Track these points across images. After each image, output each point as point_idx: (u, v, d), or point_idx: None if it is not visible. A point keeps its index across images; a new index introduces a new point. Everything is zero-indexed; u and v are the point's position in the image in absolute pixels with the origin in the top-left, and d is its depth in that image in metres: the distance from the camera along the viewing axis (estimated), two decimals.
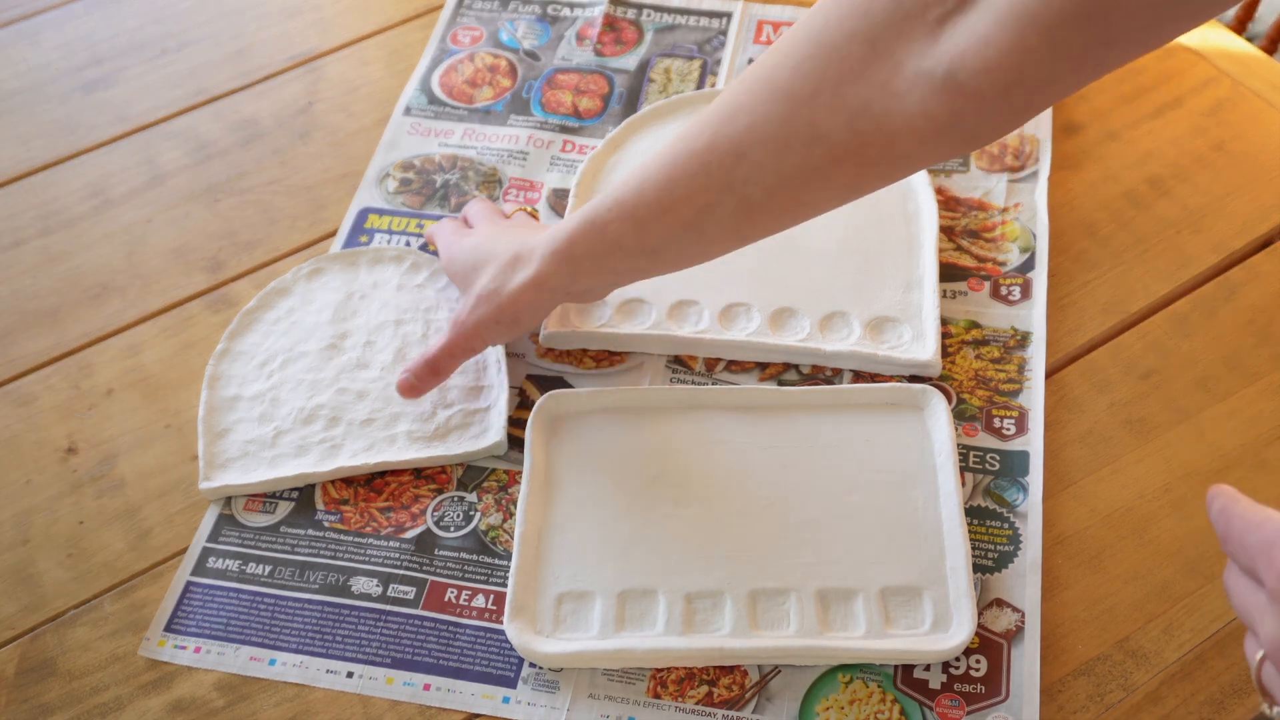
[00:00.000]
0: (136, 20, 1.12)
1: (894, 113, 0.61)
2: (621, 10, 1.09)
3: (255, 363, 0.85)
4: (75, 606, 0.77)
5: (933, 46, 0.59)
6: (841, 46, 0.62)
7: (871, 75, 0.61)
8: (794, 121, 0.64)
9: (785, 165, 0.66)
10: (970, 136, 0.62)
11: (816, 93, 0.63)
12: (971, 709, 0.70)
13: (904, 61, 0.60)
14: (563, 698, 0.71)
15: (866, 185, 0.68)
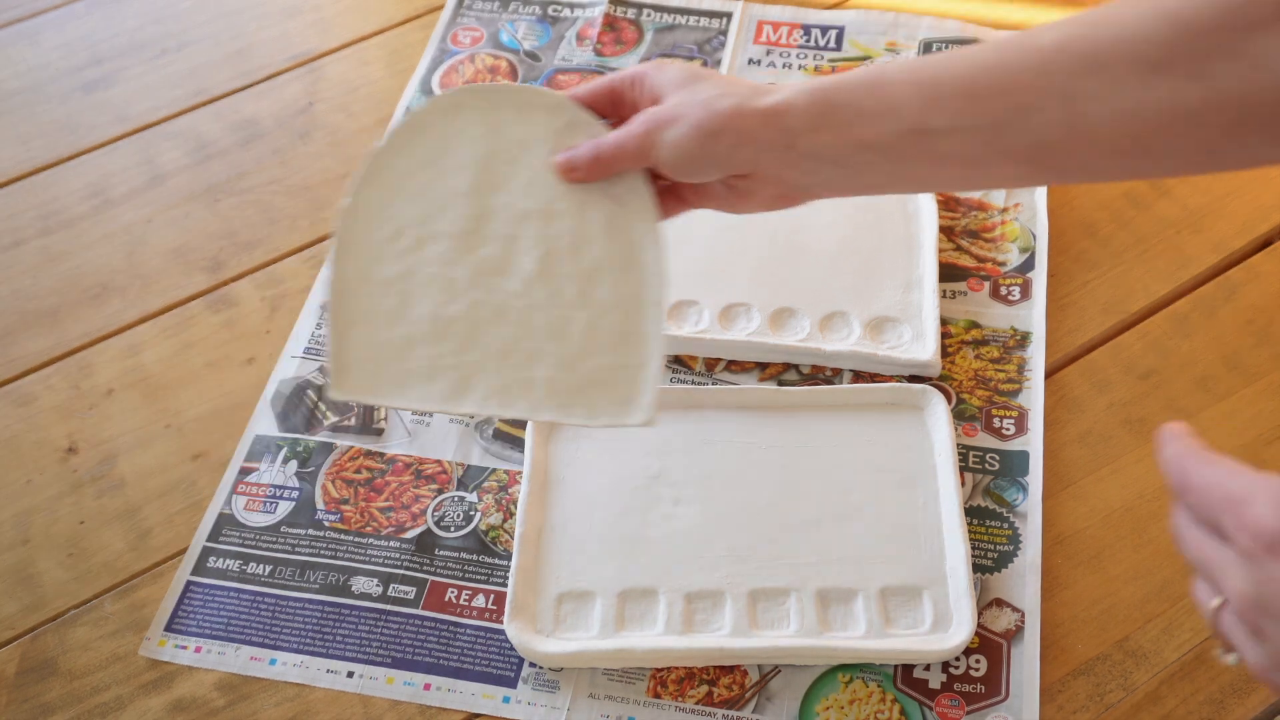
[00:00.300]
0: (136, 20, 1.12)
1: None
2: (621, 10, 1.09)
3: (386, 232, 0.70)
4: (75, 606, 0.77)
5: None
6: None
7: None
8: (1178, 48, 0.54)
9: (1148, 94, 0.55)
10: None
11: (1215, 29, 0.53)
12: (971, 709, 0.70)
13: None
14: (563, 697, 0.71)
15: (1228, 157, 0.58)
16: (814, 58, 1.04)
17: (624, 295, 0.68)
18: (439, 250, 0.69)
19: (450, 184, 0.70)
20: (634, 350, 0.67)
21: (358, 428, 0.83)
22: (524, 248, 0.69)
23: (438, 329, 0.68)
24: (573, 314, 0.68)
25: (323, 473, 0.81)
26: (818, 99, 0.63)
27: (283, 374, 0.87)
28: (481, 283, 0.69)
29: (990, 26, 1.05)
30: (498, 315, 0.68)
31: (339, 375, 0.68)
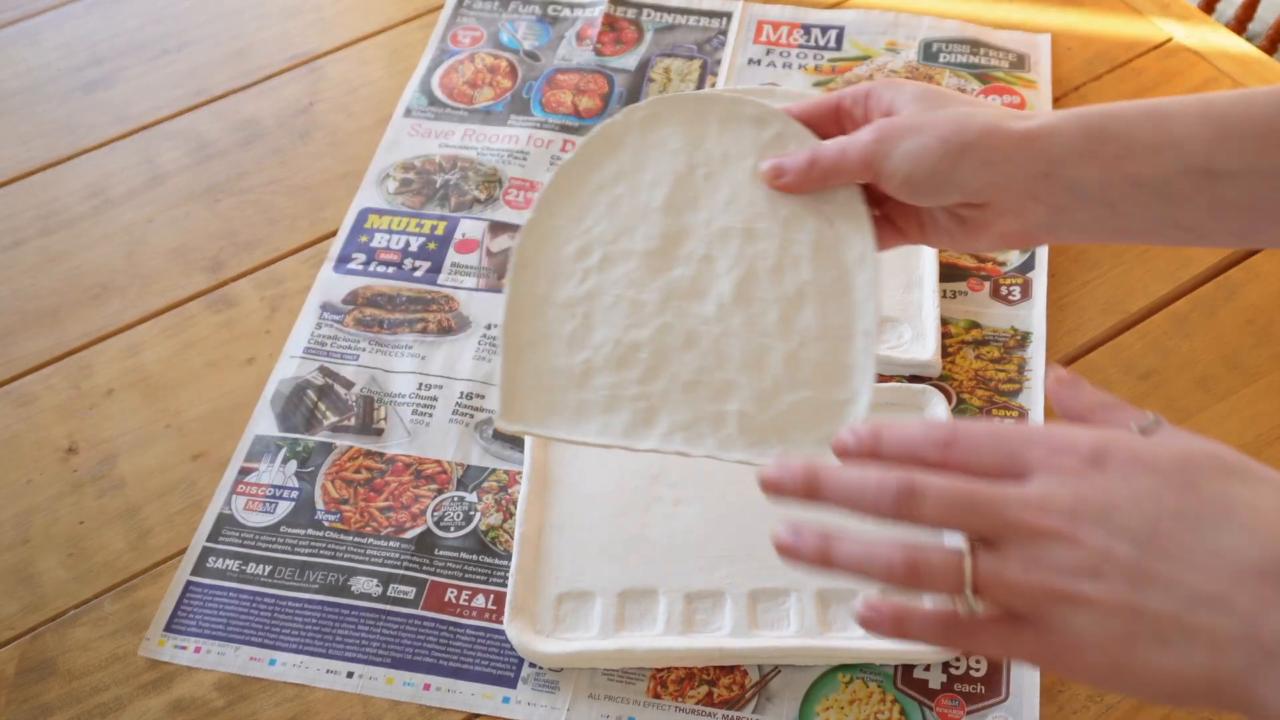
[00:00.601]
0: (136, 20, 1.12)
1: None
2: (621, 10, 1.09)
3: (571, 250, 0.65)
4: (75, 606, 0.77)
5: None
6: None
7: None
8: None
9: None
10: None
11: None
12: (971, 709, 0.70)
13: None
14: (563, 698, 0.71)
15: None
16: (814, 57, 1.04)
17: (831, 324, 0.62)
18: (627, 270, 0.64)
19: (643, 199, 0.65)
20: (840, 384, 0.61)
21: (357, 428, 0.83)
22: (721, 269, 0.64)
23: (621, 356, 0.62)
24: (772, 343, 0.62)
25: (322, 473, 0.81)
26: (1089, 125, 0.56)
27: (282, 374, 0.87)
28: (672, 306, 0.63)
29: (990, 26, 1.05)
30: (688, 342, 0.62)
31: (509, 403, 0.62)
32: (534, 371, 0.63)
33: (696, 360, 0.62)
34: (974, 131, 0.57)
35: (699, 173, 0.66)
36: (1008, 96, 0.99)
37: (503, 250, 0.93)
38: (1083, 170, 0.56)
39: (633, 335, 0.63)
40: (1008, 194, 0.58)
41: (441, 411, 0.84)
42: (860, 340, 0.62)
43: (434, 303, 0.90)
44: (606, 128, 0.67)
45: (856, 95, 0.63)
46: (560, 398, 0.62)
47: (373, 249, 0.93)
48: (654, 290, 0.64)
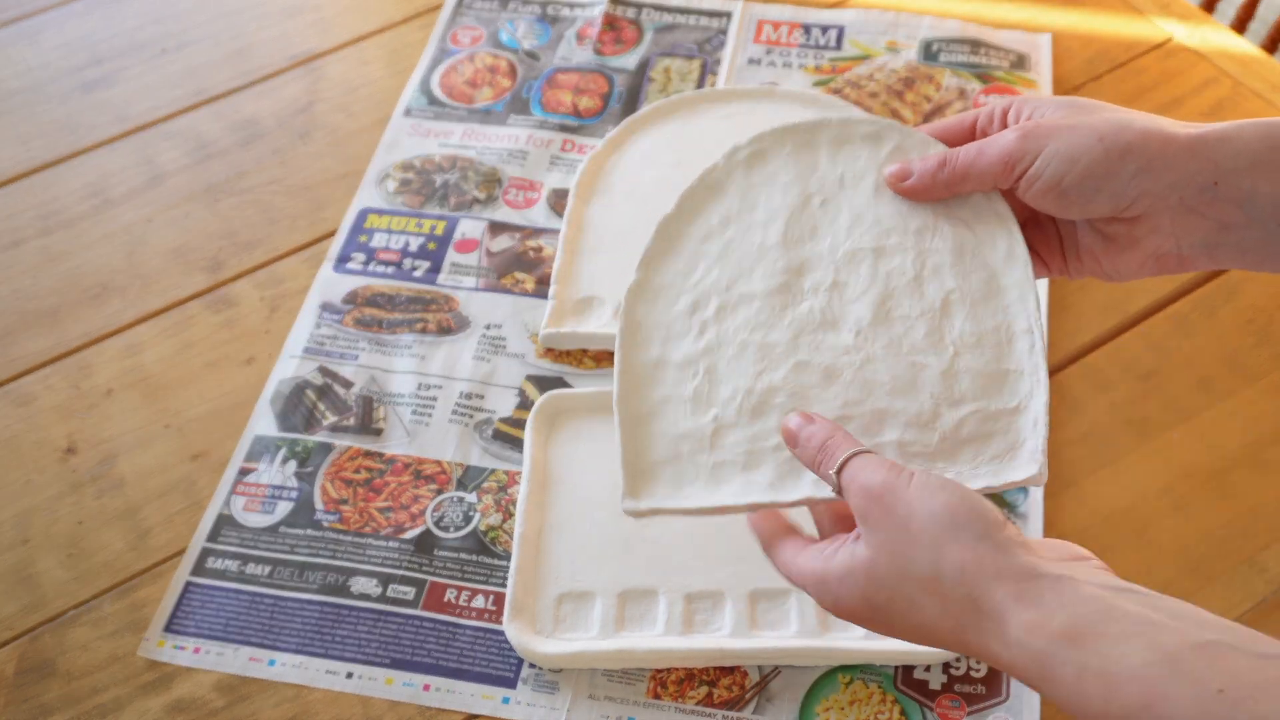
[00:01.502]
0: (136, 20, 1.12)
1: None
2: (621, 10, 1.09)
3: (683, 305, 0.60)
4: (75, 607, 0.77)
5: None
6: None
7: None
8: None
9: None
10: None
11: None
12: (972, 709, 0.70)
13: None
14: (562, 698, 0.71)
15: None
16: (814, 57, 1.04)
17: (986, 329, 0.57)
18: (749, 314, 0.59)
19: (758, 239, 0.60)
20: (1007, 391, 0.56)
21: (357, 428, 0.83)
22: (853, 294, 0.59)
23: (755, 405, 0.57)
24: (923, 359, 0.57)
25: (322, 473, 0.81)
26: (1270, 133, 0.51)
27: (282, 374, 0.86)
28: (805, 343, 0.58)
29: (991, 26, 1.05)
30: (828, 377, 0.57)
31: (636, 482, 0.56)
32: (657, 443, 0.57)
33: (840, 394, 0.57)
34: (1134, 132, 0.52)
35: (815, 201, 0.61)
36: (1008, 96, 0.99)
37: (502, 250, 0.93)
38: (1258, 183, 0.51)
39: (765, 381, 0.57)
40: (1166, 206, 0.52)
41: (441, 411, 0.84)
42: (1023, 340, 0.57)
43: (433, 303, 0.90)
44: (707, 174, 0.62)
45: (991, 112, 0.58)
46: (691, 465, 0.57)
47: (372, 249, 0.93)
48: (782, 330, 0.58)
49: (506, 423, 0.83)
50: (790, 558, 0.53)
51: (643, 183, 0.94)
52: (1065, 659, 0.43)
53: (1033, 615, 0.44)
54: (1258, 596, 0.74)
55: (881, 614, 0.49)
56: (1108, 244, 0.55)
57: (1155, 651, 0.42)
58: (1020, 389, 0.56)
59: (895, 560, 0.48)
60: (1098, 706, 0.42)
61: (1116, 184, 0.52)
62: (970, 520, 0.47)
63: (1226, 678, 0.40)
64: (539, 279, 0.91)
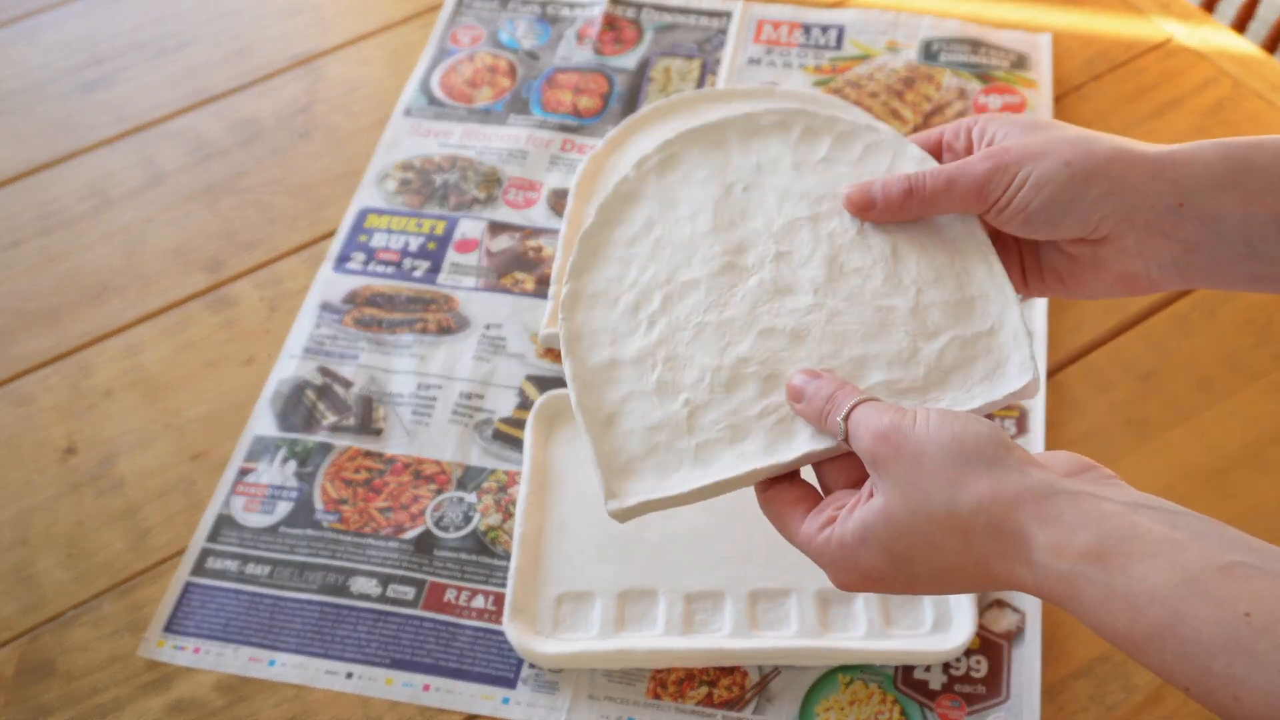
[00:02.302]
0: (136, 20, 1.12)
1: None
2: (621, 9, 1.09)
3: (624, 306, 0.59)
4: (75, 607, 0.76)
5: None
6: None
7: None
8: None
9: None
10: None
11: None
12: (972, 710, 0.70)
13: None
14: (562, 698, 0.71)
15: None
16: (814, 57, 1.04)
17: (941, 264, 0.57)
18: (698, 298, 0.59)
19: (687, 230, 0.61)
20: (978, 315, 0.56)
21: (356, 428, 0.83)
22: (801, 259, 0.59)
23: (728, 380, 0.56)
24: (888, 303, 0.57)
25: (321, 473, 0.81)
26: (1232, 153, 0.52)
27: (282, 374, 0.86)
28: (764, 311, 0.58)
29: (991, 26, 1.05)
30: (797, 339, 0.57)
31: (616, 481, 0.55)
32: (629, 440, 0.56)
33: (814, 350, 0.56)
34: (1100, 156, 0.53)
35: (737, 189, 0.62)
36: (1008, 96, 0.99)
37: (502, 250, 0.93)
38: (1221, 203, 0.52)
39: (732, 355, 0.57)
40: (1132, 228, 0.53)
41: (441, 411, 0.84)
42: (979, 267, 0.57)
43: (433, 302, 0.90)
44: (620, 184, 0.62)
45: (958, 128, 0.59)
46: (672, 454, 0.55)
47: (372, 249, 0.93)
48: (737, 305, 0.58)
49: (506, 423, 0.83)
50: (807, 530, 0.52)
51: None
52: (1091, 578, 0.43)
53: (1056, 536, 0.44)
54: None
55: (905, 565, 0.48)
56: (1073, 264, 0.56)
57: (1178, 572, 0.41)
58: (991, 310, 0.56)
59: (910, 501, 0.47)
60: (1124, 627, 0.42)
61: (1082, 207, 0.53)
62: (979, 447, 0.47)
63: (1253, 601, 0.40)
64: (539, 279, 0.91)
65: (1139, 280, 0.55)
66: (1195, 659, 0.40)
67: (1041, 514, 0.45)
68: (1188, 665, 0.40)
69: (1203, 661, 0.40)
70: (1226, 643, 0.40)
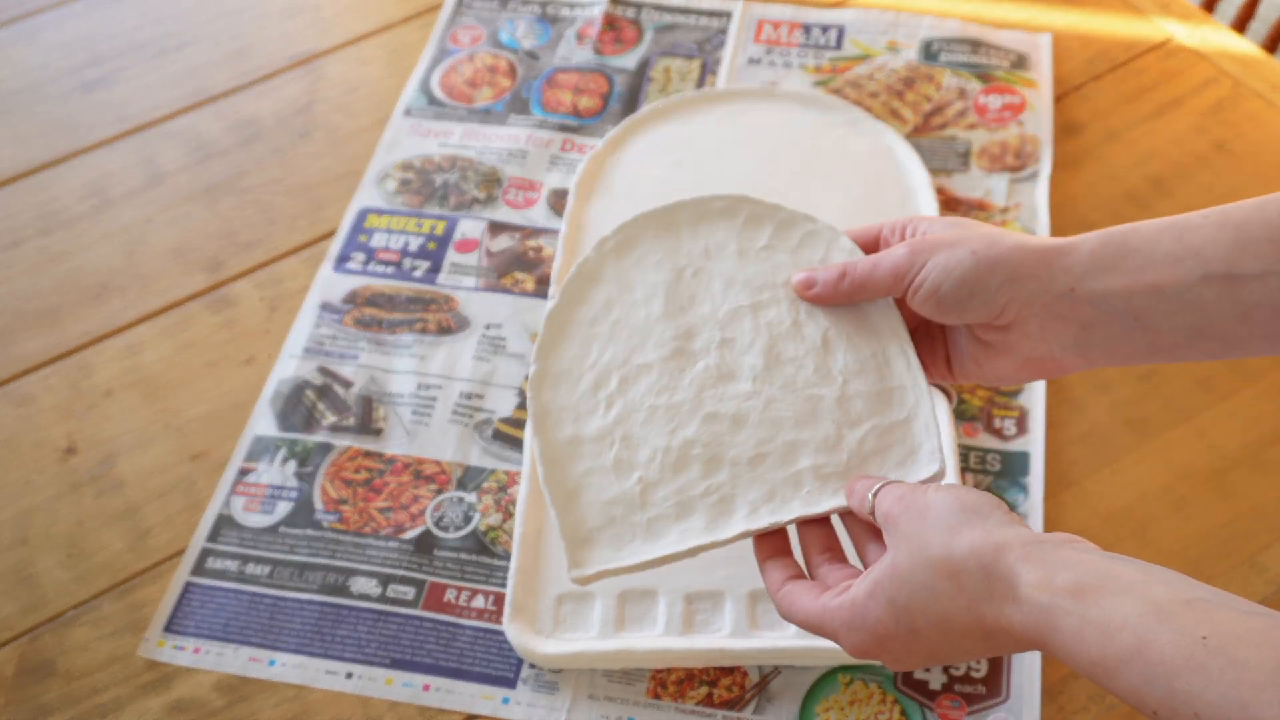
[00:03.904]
0: (136, 20, 1.12)
1: None
2: (621, 9, 1.09)
3: (586, 384, 0.65)
4: (74, 607, 0.76)
5: None
6: None
7: None
8: None
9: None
10: None
11: None
12: (972, 710, 0.70)
13: None
14: (562, 698, 0.71)
15: None
16: (814, 57, 1.04)
17: (865, 356, 0.63)
18: (650, 382, 0.64)
19: (642, 315, 0.66)
20: (895, 405, 0.62)
21: (356, 428, 0.83)
22: (742, 347, 0.64)
23: (675, 461, 0.62)
24: (818, 391, 0.63)
25: (321, 473, 0.81)
26: (1108, 240, 0.58)
27: (282, 374, 0.86)
28: (708, 397, 0.63)
29: (991, 25, 1.05)
30: (737, 423, 0.62)
31: (578, 552, 0.60)
32: (590, 512, 0.61)
33: (752, 435, 0.62)
34: (1004, 247, 0.58)
35: (687, 273, 0.67)
36: (1008, 96, 0.99)
37: (502, 250, 0.93)
38: (1106, 283, 0.57)
39: (679, 437, 0.62)
40: (1033, 312, 0.58)
41: (441, 411, 0.84)
42: (898, 360, 0.63)
43: (433, 302, 0.90)
44: (582, 265, 0.67)
45: (896, 226, 0.64)
46: (626, 527, 0.61)
47: (372, 249, 0.93)
48: (684, 389, 0.64)
49: (506, 423, 0.83)
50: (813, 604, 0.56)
51: (643, 183, 0.94)
52: (1068, 610, 0.47)
53: (1040, 574, 0.49)
54: (1258, 596, 0.74)
55: (906, 616, 0.52)
56: (985, 349, 0.61)
57: (1146, 604, 0.46)
58: (907, 400, 0.62)
59: (914, 551, 0.52)
60: (1095, 653, 0.46)
61: (987, 292, 0.58)
62: (977, 506, 0.52)
63: (1210, 627, 0.44)
64: (539, 279, 0.91)
65: (1045, 362, 0.60)
66: (1160, 680, 0.44)
67: (1028, 556, 0.49)
68: (1154, 687, 0.44)
69: (1166, 682, 0.44)
70: (1187, 663, 0.44)
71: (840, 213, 0.90)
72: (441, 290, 0.91)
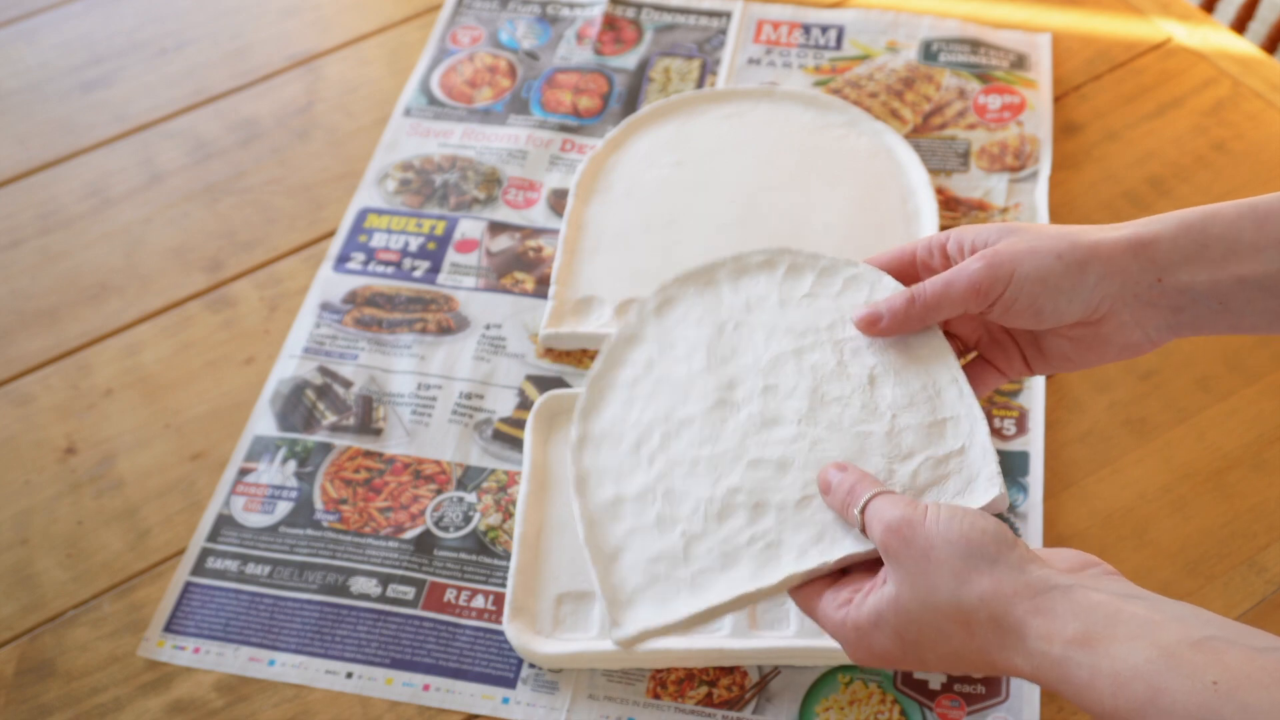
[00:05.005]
0: (135, 20, 1.12)
1: None
2: (621, 9, 1.09)
3: (626, 446, 0.64)
4: (74, 607, 0.76)
5: None
6: None
7: None
8: None
9: None
10: None
11: None
12: (971, 709, 0.70)
13: None
14: (562, 698, 0.71)
15: None
16: (814, 57, 1.04)
17: (914, 389, 0.61)
18: (693, 434, 0.63)
19: (683, 370, 0.65)
20: (949, 436, 0.60)
21: (356, 427, 0.83)
22: (785, 392, 0.63)
23: (720, 511, 0.60)
24: (866, 429, 0.61)
25: (321, 473, 0.81)
26: (1188, 226, 0.57)
27: (281, 374, 0.86)
28: (752, 444, 0.62)
29: (991, 26, 1.05)
30: (782, 468, 0.61)
31: (621, 611, 0.59)
32: (632, 573, 0.60)
33: (798, 478, 0.60)
34: (1086, 246, 0.58)
35: (729, 327, 0.66)
36: (1008, 96, 0.99)
37: (502, 250, 0.93)
38: (1193, 274, 0.57)
39: (723, 485, 0.61)
40: (1125, 304, 0.58)
41: (441, 411, 0.84)
42: (950, 390, 0.61)
43: (433, 303, 0.90)
44: (624, 328, 0.67)
45: (931, 244, 0.63)
46: (670, 584, 0.59)
47: (372, 249, 0.93)
48: (727, 438, 0.62)
49: (506, 423, 0.83)
50: (825, 608, 0.56)
51: (643, 183, 0.94)
52: (1079, 662, 0.47)
53: (1048, 625, 0.49)
54: (1258, 596, 0.74)
55: (914, 649, 0.53)
56: (1077, 345, 0.61)
57: (1156, 649, 0.45)
58: (961, 431, 0.60)
59: (920, 592, 0.52)
60: (1109, 704, 0.46)
61: (1084, 293, 0.58)
62: (983, 545, 0.51)
63: (1220, 670, 0.44)
64: (539, 279, 0.91)
65: (1140, 346, 0.60)
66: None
67: (1037, 607, 0.49)
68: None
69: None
70: (1199, 710, 0.44)
71: (838, 212, 0.91)
72: (441, 290, 0.91)
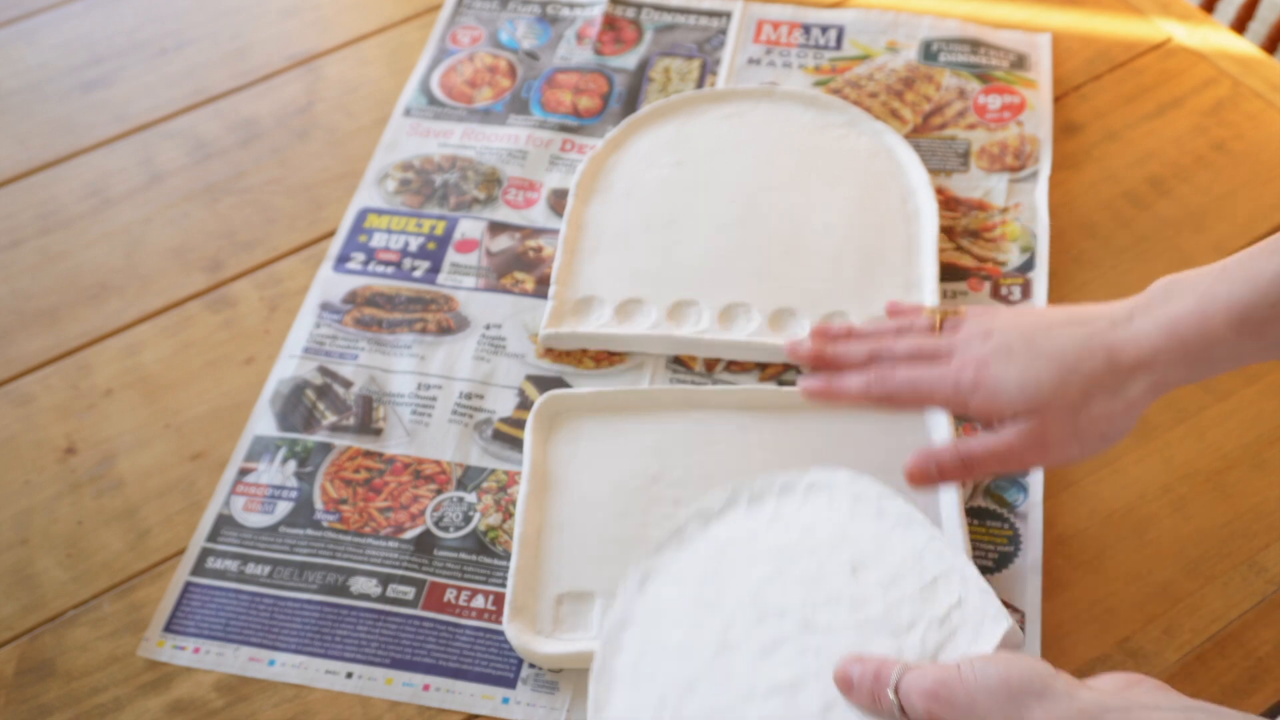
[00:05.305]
0: (135, 20, 1.12)
1: None
2: (621, 9, 1.09)
3: None
4: (74, 607, 0.76)
5: None
6: None
7: None
8: None
9: None
10: None
11: None
12: None
13: None
14: (562, 698, 0.71)
15: None
16: (814, 57, 1.04)
17: (896, 562, 0.64)
18: (703, 691, 0.63)
19: (677, 636, 0.66)
20: (942, 594, 0.61)
21: (356, 427, 0.83)
22: (776, 613, 0.65)
23: None
24: (863, 616, 0.62)
25: (321, 473, 0.81)
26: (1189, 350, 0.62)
27: (281, 374, 0.86)
28: (759, 677, 0.63)
29: (991, 25, 1.05)
30: (795, 688, 0.62)
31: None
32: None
33: (815, 689, 0.61)
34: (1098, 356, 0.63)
35: (708, 577, 0.68)
36: (1008, 96, 0.99)
37: (502, 250, 0.93)
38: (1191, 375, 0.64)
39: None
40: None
41: (441, 411, 0.84)
42: (930, 551, 0.63)
43: (433, 303, 0.90)
44: (609, 615, 0.69)
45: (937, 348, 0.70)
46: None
47: (372, 249, 0.93)
48: (737, 681, 0.63)
49: (506, 423, 0.83)
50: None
51: (643, 183, 0.94)
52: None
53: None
54: (1258, 596, 0.74)
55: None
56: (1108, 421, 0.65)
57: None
58: (953, 585, 0.61)
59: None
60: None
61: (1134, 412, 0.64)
62: (1027, 682, 0.50)
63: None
64: (539, 279, 0.91)
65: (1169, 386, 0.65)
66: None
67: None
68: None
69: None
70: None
71: (839, 212, 0.91)
72: (441, 290, 0.91)
